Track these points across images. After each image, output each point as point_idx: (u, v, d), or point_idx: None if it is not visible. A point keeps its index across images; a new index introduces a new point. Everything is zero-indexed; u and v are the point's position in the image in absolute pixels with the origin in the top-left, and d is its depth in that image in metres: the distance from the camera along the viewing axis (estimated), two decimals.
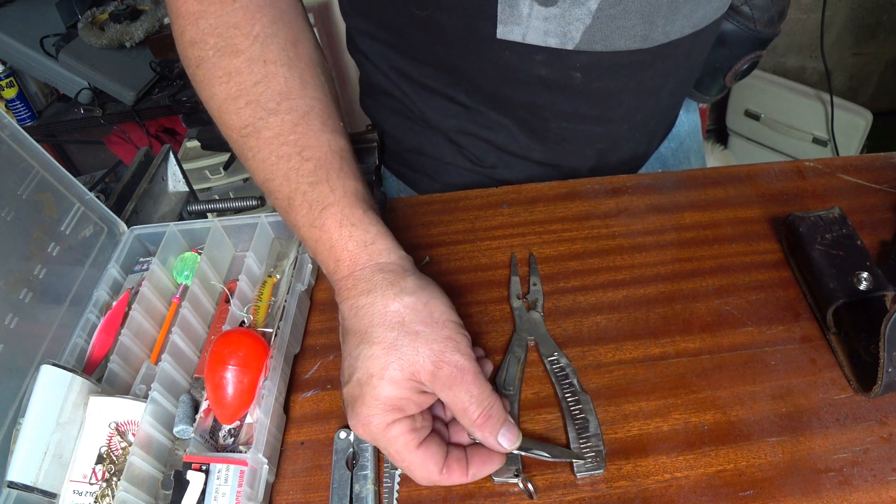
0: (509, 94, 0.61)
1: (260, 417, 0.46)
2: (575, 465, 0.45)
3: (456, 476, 0.42)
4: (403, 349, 0.40)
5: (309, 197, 0.45)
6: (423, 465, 0.41)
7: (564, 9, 0.52)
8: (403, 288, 0.42)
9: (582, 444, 0.46)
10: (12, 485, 0.43)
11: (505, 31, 0.54)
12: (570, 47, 0.55)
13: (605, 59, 0.56)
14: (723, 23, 0.67)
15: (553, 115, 0.63)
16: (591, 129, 0.64)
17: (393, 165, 0.77)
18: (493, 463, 0.44)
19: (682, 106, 0.79)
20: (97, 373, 0.53)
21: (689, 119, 0.82)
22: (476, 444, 0.44)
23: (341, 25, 1.89)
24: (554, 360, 0.51)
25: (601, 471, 0.44)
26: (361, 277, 0.43)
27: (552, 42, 0.54)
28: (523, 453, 0.44)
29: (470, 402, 0.41)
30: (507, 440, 0.42)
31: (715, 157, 2.11)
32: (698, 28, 0.58)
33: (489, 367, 0.48)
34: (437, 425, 0.45)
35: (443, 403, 0.43)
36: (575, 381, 0.49)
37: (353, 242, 0.44)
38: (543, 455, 0.44)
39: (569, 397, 0.48)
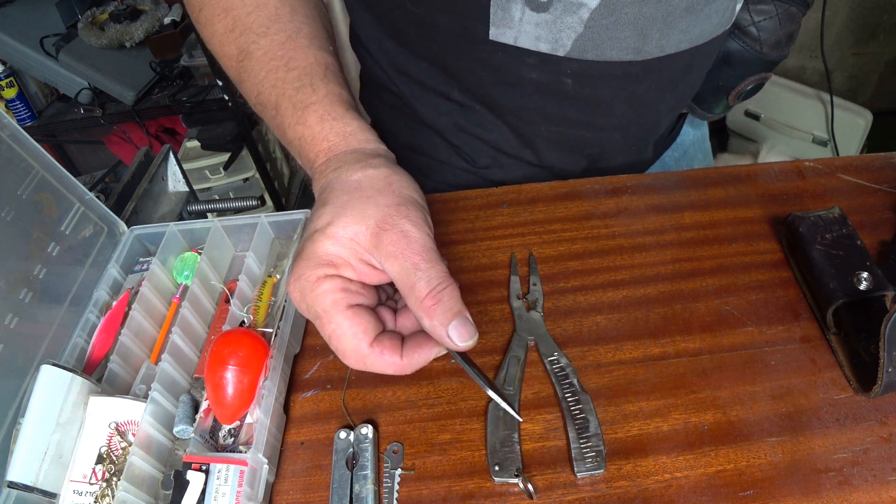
0: (500, 95, 0.61)
1: (260, 417, 0.46)
2: (575, 465, 0.45)
3: (388, 354, 0.38)
4: (351, 208, 0.39)
5: (293, 99, 0.47)
6: (350, 329, 0.38)
7: (556, 16, 0.52)
8: (369, 164, 0.42)
9: (582, 444, 0.46)
10: (12, 485, 0.43)
11: (497, 34, 0.54)
12: (560, 54, 0.54)
13: (596, 68, 0.56)
14: (728, 41, 0.66)
15: (543, 119, 0.63)
16: (582, 134, 0.64)
17: None
18: (429, 349, 0.39)
19: (685, 120, 0.79)
20: (97, 373, 0.53)
21: (696, 131, 0.82)
22: (416, 333, 0.40)
23: (341, 22, 1.90)
24: (554, 360, 0.51)
25: (601, 471, 0.44)
26: (335, 160, 0.44)
27: (543, 47, 0.54)
28: (464, 363, 0.39)
29: (416, 276, 0.37)
30: (458, 334, 0.37)
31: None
32: (696, 44, 0.57)
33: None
34: (373, 310, 0.41)
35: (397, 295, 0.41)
36: (575, 381, 0.49)
37: (334, 133, 0.45)
38: (479, 381, 0.40)
39: (569, 397, 0.48)
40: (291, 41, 0.49)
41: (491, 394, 0.41)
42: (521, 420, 0.46)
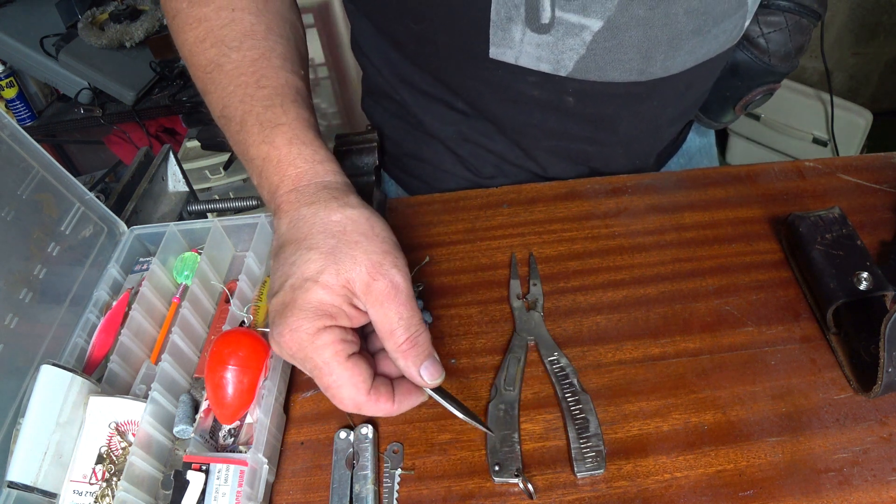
0: (501, 110, 0.61)
1: (260, 417, 0.46)
2: (575, 465, 0.45)
3: (383, 401, 0.41)
4: (341, 256, 0.39)
5: (262, 117, 0.46)
6: (351, 380, 0.39)
7: (557, 37, 0.51)
8: (347, 202, 0.42)
9: (582, 444, 0.46)
10: (12, 485, 0.43)
11: (497, 53, 0.54)
12: (562, 74, 0.54)
13: (599, 88, 0.55)
14: (736, 52, 0.65)
15: (545, 134, 0.62)
16: (585, 148, 0.64)
17: (390, 169, 0.77)
18: (417, 396, 0.43)
19: (691, 128, 0.78)
20: (97, 373, 0.53)
21: (702, 139, 0.81)
22: (402, 378, 0.43)
23: (342, 26, 1.90)
24: (554, 360, 0.51)
25: (601, 471, 0.44)
26: (306, 192, 0.43)
27: (545, 68, 0.54)
28: (438, 397, 0.42)
29: (398, 324, 0.40)
30: (428, 374, 0.41)
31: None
32: (702, 61, 0.56)
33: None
34: (365, 354, 0.43)
35: (372, 337, 0.42)
36: (575, 381, 0.49)
37: (302, 159, 0.44)
38: (453, 410, 0.43)
39: (569, 397, 0.48)
40: (264, 59, 0.48)
41: (465, 419, 0.43)
42: (493, 433, 0.47)
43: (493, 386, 0.50)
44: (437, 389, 0.43)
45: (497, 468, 0.45)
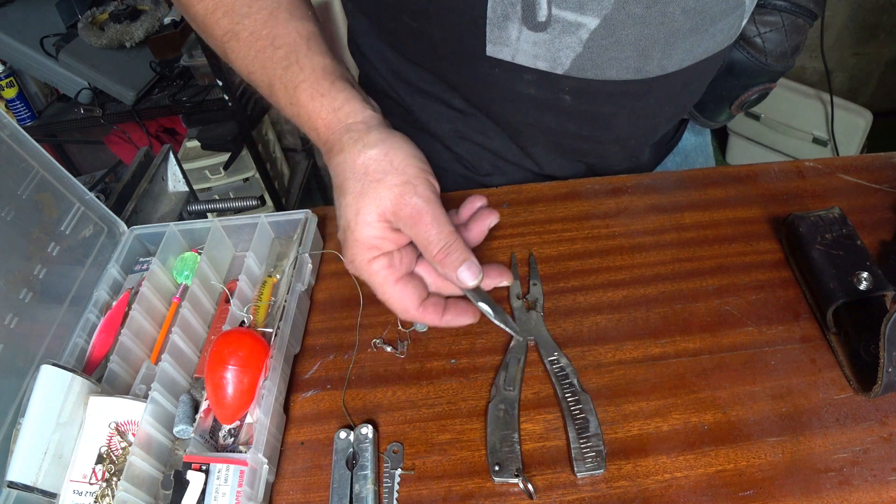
0: (499, 108, 0.61)
1: (260, 417, 0.46)
2: (575, 465, 0.45)
3: (430, 314, 0.47)
4: (369, 195, 0.45)
5: (284, 79, 0.50)
6: (400, 299, 0.47)
7: (554, 35, 0.51)
8: (367, 143, 0.47)
9: (582, 444, 0.46)
10: (12, 485, 0.43)
11: (494, 50, 0.54)
12: (559, 72, 0.54)
13: (595, 86, 0.55)
14: (732, 52, 0.65)
15: (541, 132, 0.62)
16: (581, 146, 0.64)
17: None
18: (467, 316, 0.49)
19: (686, 127, 0.78)
20: (97, 373, 0.53)
21: (697, 137, 0.81)
22: (454, 298, 0.49)
23: (341, 25, 1.90)
24: (554, 360, 0.51)
25: (601, 471, 0.44)
26: (334, 140, 0.48)
27: (541, 65, 0.54)
28: (479, 301, 0.47)
29: (429, 240, 0.45)
30: (466, 275, 0.45)
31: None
32: (699, 60, 0.56)
33: (490, 219, 0.51)
34: (416, 275, 0.49)
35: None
36: (575, 381, 0.49)
37: (325, 110, 0.48)
38: (488, 311, 0.47)
39: (569, 397, 0.48)
40: (273, 18, 0.51)
41: (499, 323, 0.48)
42: (522, 339, 0.52)
43: (492, 386, 0.50)
44: (477, 291, 0.47)
45: (497, 468, 0.45)
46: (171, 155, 0.79)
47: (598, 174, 0.69)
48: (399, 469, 0.46)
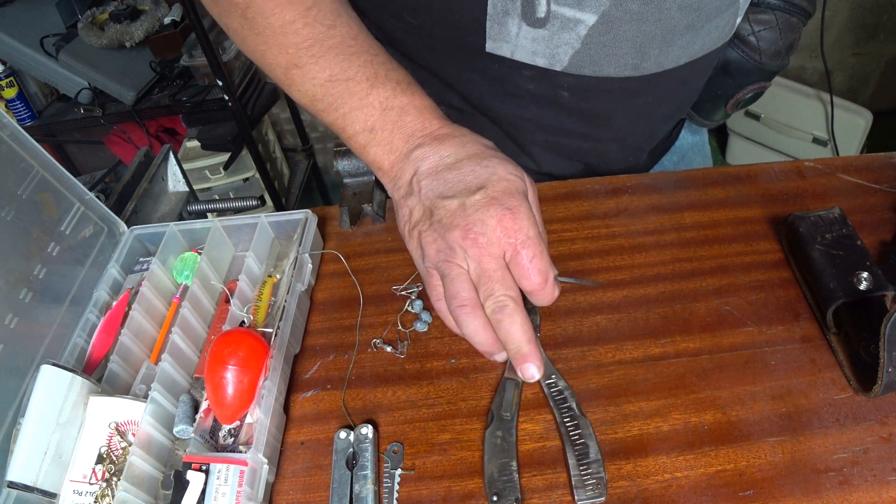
0: (497, 105, 0.61)
1: (260, 417, 0.46)
2: (576, 492, 0.43)
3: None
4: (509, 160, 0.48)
5: (393, 76, 0.50)
6: (543, 251, 0.44)
7: (553, 32, 0.51)
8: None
9: (582, 470, 0.44)
10: (12, 485, 0.43)
11: (494, 47, 0.54)
12: (557, 69, 0.54)
13: (593, 83, 0.55)
14: (728, 51, 0.65)
15: (539, 129, 0.62)
16: (579, 144, 0.64)
17: None
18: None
19: (683, 126, 0.78)
20: (97, 373, 0.53)
21: (694, 136, 0.81)
22: None
23: None
24: (552, 382, 0.50)
25: (602, 498, 0.43)
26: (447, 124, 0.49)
27: (540, 62, 0.54)
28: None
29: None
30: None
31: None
32: (695, 58, 0.57)
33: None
34: None
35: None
36: (574, 406, 0.48)
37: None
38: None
39: (568, 422, 0.47)
40: (363, 35, 0.52)
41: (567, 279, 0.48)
42: (602, 285, 0.53)
43: (489, 412, 0.49)
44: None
45: (495, 498, 0.43)
46: (171, 155, 0.79)
47: (595, 174, 0.69)
48: (399, 469, 0.46)
